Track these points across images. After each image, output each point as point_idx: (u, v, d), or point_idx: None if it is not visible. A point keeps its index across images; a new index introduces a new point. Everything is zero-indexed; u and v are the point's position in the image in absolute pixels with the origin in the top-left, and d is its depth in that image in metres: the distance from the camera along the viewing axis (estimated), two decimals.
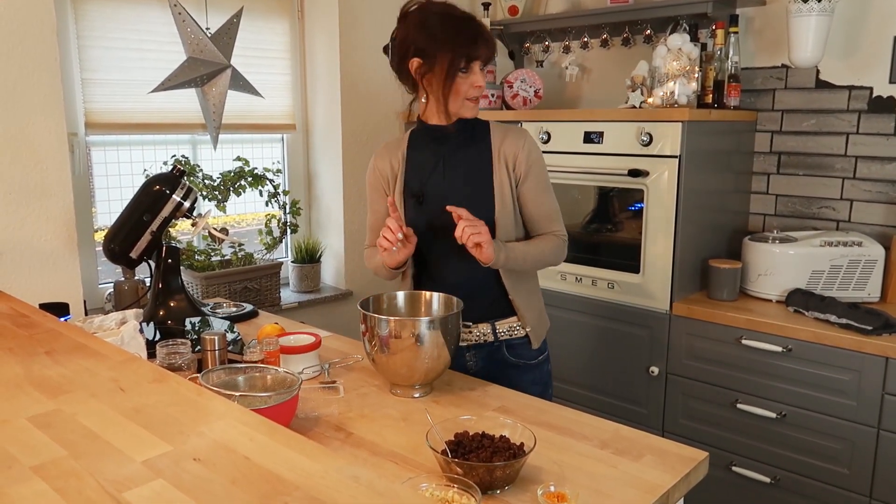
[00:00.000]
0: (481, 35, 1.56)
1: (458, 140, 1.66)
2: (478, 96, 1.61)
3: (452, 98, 1.59)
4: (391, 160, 1.71)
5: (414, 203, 1.67)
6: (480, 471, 1.10)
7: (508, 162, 1.63)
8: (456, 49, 1.54)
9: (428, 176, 1.67)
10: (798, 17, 2.27)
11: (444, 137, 1.66)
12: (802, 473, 2.11)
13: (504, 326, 1.70)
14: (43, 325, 1.23)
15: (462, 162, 1.66)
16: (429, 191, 1.66)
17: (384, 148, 1.74)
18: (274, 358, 1.56)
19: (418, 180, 1.68)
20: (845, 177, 2.44)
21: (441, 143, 1.66)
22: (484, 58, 1.57)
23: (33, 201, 2.04)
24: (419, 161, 1.69)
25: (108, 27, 2.40)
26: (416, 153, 1.70)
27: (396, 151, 1.71)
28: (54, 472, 0.71)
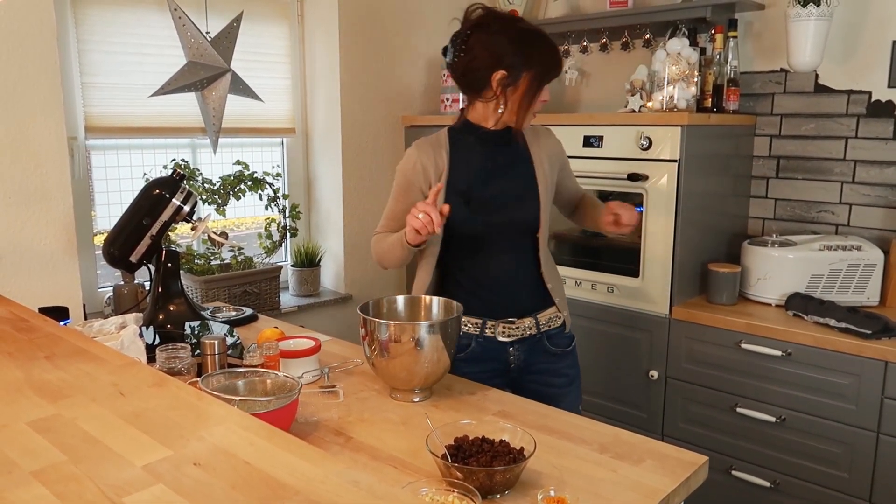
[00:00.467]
0: (559, 55, 1.67)
1: (502, 142, 1.70)
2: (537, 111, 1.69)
3: (525, 106, 1.64)
4: (435, 157, 1.68)
5: (460, 202, 1.65)
6: (480, 475, 1.10)
7: (546, 159, 1.73)
8: (546, 69, 1.62)
9: (475, 176, 1.68)
10: (797, 21, 2.28)
11: (491, 139, 1.69)
12: (802, 477, 2.11)
13: (545, 318, 1.75)
14: (42, 329, 1.23)
15: (507, 164, 1.70)
16: (476, 191, 1.67)
17: (426, 143, 1.71)
18: (274, 362, 1.56)
19: (465, 180, 1.68)
20: (844, 181, 2.44)
21: (488, 144, 1.69)
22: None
23: (33, 205, 2.04)
24: (466, 160, 1.69)
25: (107, 31, 2.40)
26: (461, 153, 1.69)
27: (440, 149, 1.69)
28: (54, 476, 0.71)
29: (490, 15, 1.63)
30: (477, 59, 1.60)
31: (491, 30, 1.60)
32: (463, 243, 1.70)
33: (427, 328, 1.47)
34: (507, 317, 1.71)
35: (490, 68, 1.59)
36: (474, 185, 1.67)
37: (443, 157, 1.68)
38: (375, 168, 3.05)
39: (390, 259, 1.72)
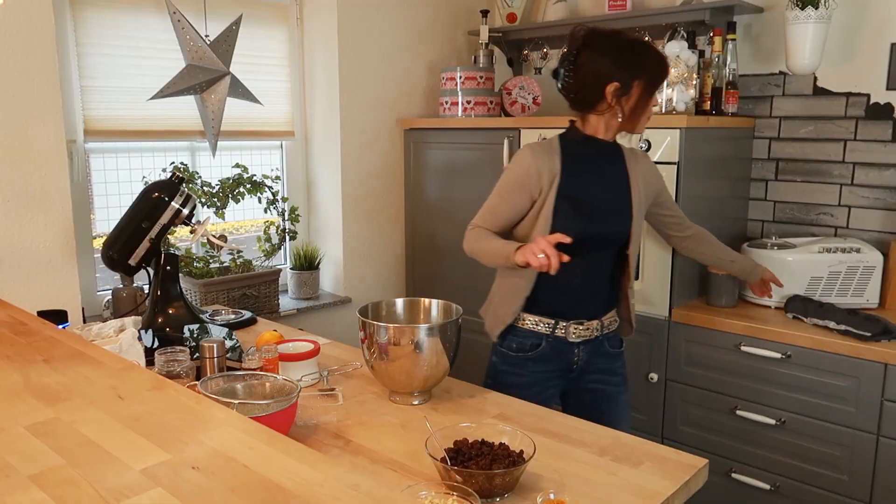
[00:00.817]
0: (665, 60, 1.71)
1: (606, 156, 1.77)
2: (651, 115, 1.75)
3: (641, 118, 1.71)
4: (550, 162, 1.71)
5: (569, 210, 1.70)
6: (480, 478, 1.10)
7: (642, 182, 1.79)
8: (654, 75, 1.68)
9: (585, 184, 1.73)
10: (795, 24, 2.28)
11: (598, 149, 1.75)
12: (802, 480, 2.11)
13: (608, 320, 1.82)
14: (41, 332, 1.22)
15: (610, 177, 1.77)
16: (585, 199, 1.72)
17: (539, 148, 1.74)
18: (273, 365, 1.56)
19: (576, 188, 1.72)
20: (843, 183, 2.45)
21: (598, 156, 1.76)
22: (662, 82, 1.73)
23: (32, 208, 2.04)
24: (577, 169, 1.73)
25: (107, 34, 2.40)
26: (573, 161, 1.73)
27: (554, 155, 1.72)
28: (52, 480, 0.70)
29: (593, 33, 1.70)
30: (588, 76, 1.67)
31: (597, 46, 1.68)
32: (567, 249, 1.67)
33: (426, 331, 1.47)
34: (579, 318, 1.77)
35: (602, 83, 1.66)
36: (583, 193, 1.72)
37: (556, 163, 1.71)
38: (375, 171, 3.05)
39: (487, 260, 1.75)
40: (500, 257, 1.66)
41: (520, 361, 1.78)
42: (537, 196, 1.71)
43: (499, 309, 1.80)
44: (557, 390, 1.84)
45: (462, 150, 2.83)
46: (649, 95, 1.69)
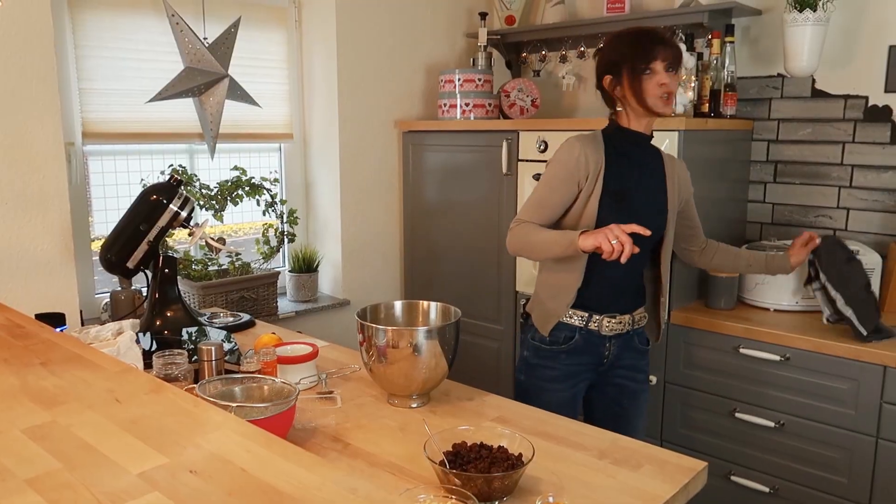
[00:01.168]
0: (656, 40, 1.71)
1: (647, 152, 1.82)
2: (667, 93, 1.71)
3: (645, 96, 1.71)
4: (596, 153, 1.75)
5: (612, 202, 1.73)
6: (478, 481, 1.09)
7: (676, 185, 1.85)
8: (633, 55, 1.71)
9: (628, 177, 1.77)
10: (793, 26, 2.29)
11: (639, 145, 1.80)
12: (801, 483, 2.11)
13: (638, 315, 1.86)
14: (39, 335, 1.22)
15: (650, 173, 1.82)
16: (629, 192, 1.76)
17: (586, 139, 1.77)
18: (271, 368, 1.56)
19: (619, 180, 1.76)
20: (842, 185, 2.45)
21: (638, 148, 1.80)
22: (661, 58, 1.69)
23: (30, 210, 2.03)
24: (619, 161, 1.77)
25: (105, 37, 2.40)
26: (616, 152, 1.77)
27: (598, 146, 1.77)
28: (49, 484, 0.70)
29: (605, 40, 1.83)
30: (597, 78, 1.80)
31: (597, 53, 1.85)
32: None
33: (425, 333, 1.47)
34: (612, 312, 1.80)
35: (601, 80, 1.78)
36: (626, 184, 1.76)
37: (601, 154, 1.76)
38: (373, 173, 3.05)
39: (540, 252, 1.75)
40: (559, 245, 1.67)
41: (553, 354, 1.81)
42: (584, 185, 1.74)
43: (548, 303, 1.82)
44: (587, 384, 1.87)
45: (460, 153, 2.83)
46: (642, 73, 1.69)
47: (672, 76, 1.73)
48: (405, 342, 1.46)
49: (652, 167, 1.82)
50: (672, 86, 1.73)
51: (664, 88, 1.71)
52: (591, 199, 1.73)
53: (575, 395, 1.84)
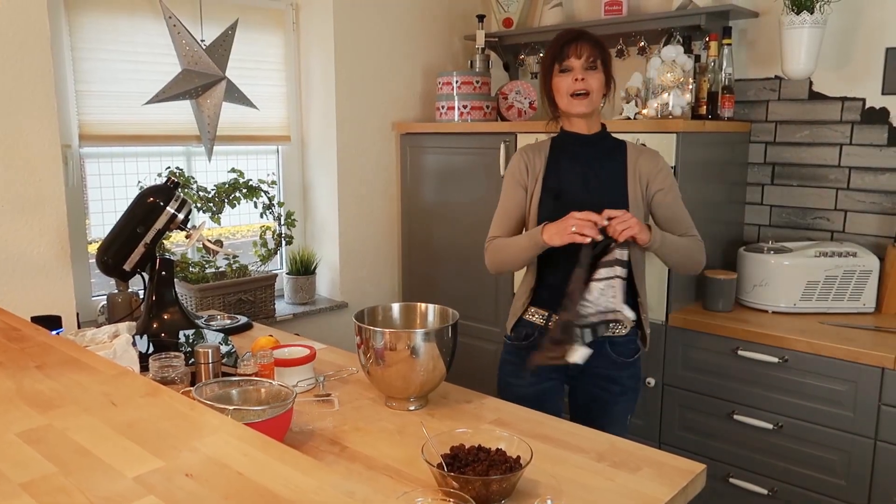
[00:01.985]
0: (575, 37, 1.75)
1: (598, 149, 1.81)
2: (581, 91, 1.73)
3: (557, 98, 1.77)
4: (535, 159, 1.84)
5: (550, 200, 1.78)
6: (476, 484, 1.09)
7: (643, 179, 1.79)
8: (548, 57, 1.77)
9: (567, 177, 1.79)
10: (791, 28, 2.29)
11: (586, 144, 1.81)
12: (800, 485, 2.11)
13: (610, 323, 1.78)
14: (34, 338, 1.21)
15: (601, 172, 1.80)
16: (564, 189, 1.78)
17: (529, 148, 1.87)
18: (268, 371, 1.55)
19: (557, 179, 1.80)
20: (839, 187, 2.45)
21: (581, 149, 1.81)
22: (576, 55, 1.73)
23: (26, 213, 2.03)
24: (559, 162, 1.82)
25: (102, 39, 2.40)
26: (557, 156, 1.83)
27: (540, 152, 1.85)
28: (44, 488, 0.69)
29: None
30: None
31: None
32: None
33: (423, 336, 1.47)
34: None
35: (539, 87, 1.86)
36: (564, 184, 1.79)
37: (541, 159, 1.84)
38: (371, 175, 3.04)
39: (515, 261, 1.79)
40: (528, 247, 1.72)
41: (516, 350, 1.84)
42: (529, 188, 1.82)
43: (514, 302, 1.88)
44: (559, 384, 1.84)
45: (458, 155, 2.83)
46: (559, 71, 1.74)
47: (591, 74, 1.73)
48: (403, 344, 1.45)
49: (605, 165, 1.79)
50: (591, 83, 1.73)
51: (578, 85, 1.72)
52: (533, 199, 1.81)
53: (540, 394, 1.79)
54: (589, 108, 1.75)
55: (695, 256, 1.81)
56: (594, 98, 1.75)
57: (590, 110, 1.76)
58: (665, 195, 1.81)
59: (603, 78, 1.76)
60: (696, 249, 1.81)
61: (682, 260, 1.79)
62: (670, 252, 1.74)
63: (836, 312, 2.24)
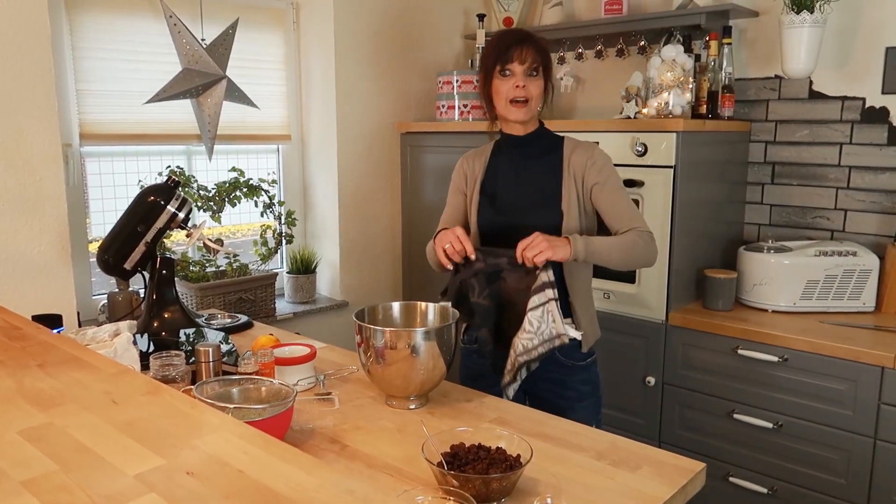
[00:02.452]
0: (516, 41, 1.69)
1: (533, 149, 1.78)
2: (520, 98, 1.69)
3: (495, 100, 1.73)
4: (475, 163, 1.85)
5: (487, 203, 1.78)
6: (477, 483, 1.09)
7: (577, 174, 1.73)
8: (491, 57, 1.71)
9: (502, 179, 1.79)
10: (791, 28, 2.29)
11: (521, 145, 1.78)
12: (799, 484, 2.11)
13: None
14: (35, 337, 1.22)
15: (534, 170, 1.77)
16: (501, 192, 1.77)
17: (470, 154, 1.88)
18: (269, 369, 1.55)
19: (493, 182, 1.80)
20: (839, 187, 2.45)
21: (517, 150, 1.79)
22: (519, 60, 1.68)
23: (27, 212, 2.03)
24: (497, 165, 1.81)
25: (103, 38, 2.40)
26: (496, 159, 1.83)
27: (481, 156, 1.85)
28: (45, 486, 0.70)
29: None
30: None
31: None
32: (492, 242, 1.76)
33: (423, 335, 1.47)
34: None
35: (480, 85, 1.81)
36: (500, 187, 1.77)
37: (481, 163, 1.84)
38: (371, 174, 3.05)
39: (434, 264, 1.79)
40: (433, 253, 1.74)
41: (466, 353, 1.85)
42: (468, 193, 1.84)
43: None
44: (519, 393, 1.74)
45: (459, 154, 2.81)
46: (492, 75, 1.71)
47: (532, 81, 1.68)
48: (403, 343, 1.45)
49: (542, 163, 1.75)
50: (531, 90, 1.68)
51: (519, 92, 1.68)
52: (472, 203, 1.81)
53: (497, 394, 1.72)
54: (527, 115, 1.71)
55: (638, 252, 1.68)
56: (533, 105, 1.71)
57: (527, 118, 1.72)
58: (602, 189, 1.72)
59: (543, 84, 1.72)
60: (639, 244, 1.68)
61: (624, 259, 1.68)
62: (603, 257, 1.64)
63: (835, 312, 2.24)
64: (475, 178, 1.83)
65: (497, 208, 1.77)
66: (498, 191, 1.78)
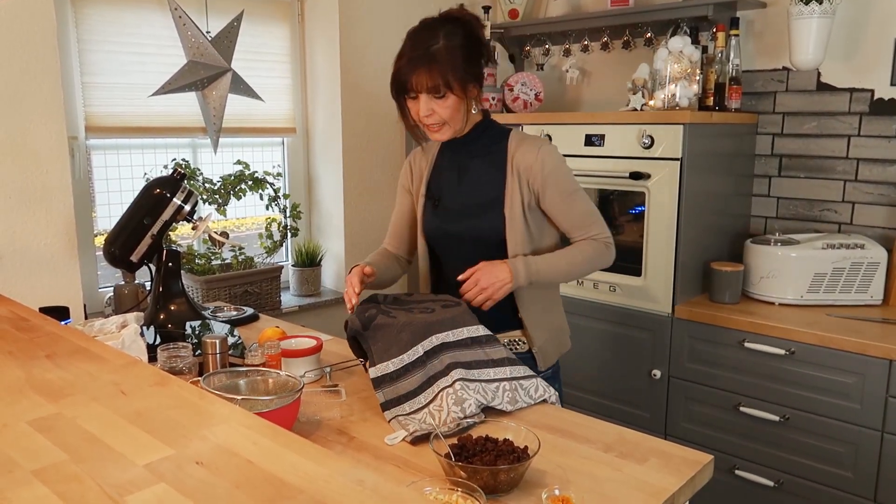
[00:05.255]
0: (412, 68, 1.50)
1: (475, 148, 1.65)
2: (431, 124, 1.56)
3: (411, 121, 1.60)
4: (421, 163, 1.77)
5: (430, 207, 1.71)
6: (484, 474, 1.09)
7: (522, 175, 1.59)
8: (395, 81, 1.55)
9: (446, 181, 1.70)
10: (799, 19, 2.27)
11: (462, 145, 1.66)
12: (806, 477, 2.10)
13: (506, 339, 1.64)
14: (43, 328, 1.22)
15: (476, 169, 1.65)
16: (444, 196, 1.69)
17: (418, 151, 1.79)
18: (275, 361, 1.55)
19: (437, 185, 1.72)
20: (847, 179, 2.44)
21: (458, 150, 1.68)
22: (416, 87, 1.51)
23: (33, 205, 2.03)
24: (441, 167, 1.73)
25: (108, 31, 2.40)
26: (440, 159, 1.74)
27: (427, 156, 1.76)
28: (56, 476, 0.70)
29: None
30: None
31: None
32: (437, 248, 1.74)
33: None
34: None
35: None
36: (444, 190, 1.70)
37: (427, 163, 1.75)
38: (376, 167, 3.04)
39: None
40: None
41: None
42: (415, 193, 1.77)
43: None
44: None
45: None
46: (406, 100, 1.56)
47: (440, 103, 1.51)
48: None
49: (484, 163, 1.63)
50: (441, 114, 1.52)
51: (429, 119, 1.54)
52: (418, 206, 1.73)
53: None
54: (447, 135, 1.58)
55: (589, 267, 1.59)
56: (453, 124, 1.56)
57: (449, 137, 1.59)
58: (551, 196, 1.58)
59: (456, 100, 1.52)
60: (590, 258, 1.59)
61: (577, 273, 1.60)
62: (550, 278, 1.56)
63: (843, 304, 2.23)
64: (421, 177, 1.74)
65: (440, 215, 1.67)
66: (442, 194, 1.68)
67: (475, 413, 1.34)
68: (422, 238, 1.73)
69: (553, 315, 1.71)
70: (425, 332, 1.45)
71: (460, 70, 1.51)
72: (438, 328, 1.46)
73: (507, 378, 1.45)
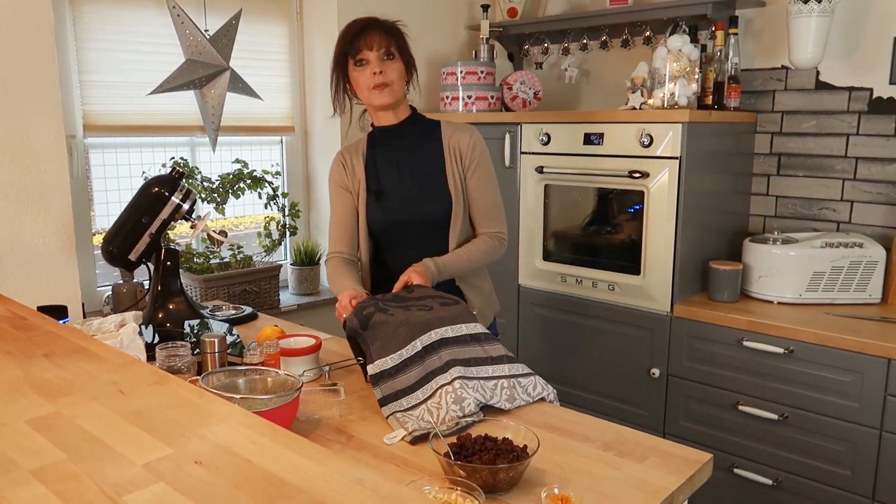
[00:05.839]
0: (361, 28, 1.68)
1: (411, 139, 1.77)
2: (381, 83, 1.69)
3: (358, 92, 1.74)
4: (353, 160, 1.83)
5: (373, 200, 1.78)
6: (483, 473, 1.09)
7: (455, 155, 1.75)
8: (340, 50, 1.72)
9: (385, 174, 1.77)
10: (798, 18, 2.27)
11: (397, 136, 1.77)
12: (804, 475, 2.11)
13: None
14: (41, 327, 1.22)
15: (416, 160, 1.77)
16: (386, 188, 1.76)
17: (345, 149, 1.86)
18: (274, 360, 1.55)
19: (377, 179, 1.78)
20: (846, 178, 2.44)
21: (394, 141, 1.78)
22: (369, 46, 1.67)
23: (31, 204, 2.03)
24: (377, 160, 1.80)
25: (106, 29, 2.39)
26: (374, 153, 1.82)
27: (357, 152, 1.83)
28: (54, 475, 0.70)
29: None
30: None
31: None
32: (382, 238, 1.80)
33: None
34: None
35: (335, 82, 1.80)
36: (383, 183, 1.76)
37: (359, 159, 1.82)
38: None
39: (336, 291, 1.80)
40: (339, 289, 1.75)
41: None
42: (353, 190, 1.82)
43: None
44: None
45: None
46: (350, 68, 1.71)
47: (389, 64, 1.69)
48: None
49: (422, 151, 1.77)
50: (389, 74, 1.68)
51: (377, 79, 1.68)
52: (360, 202, 1.80)
53: None
54: (391, 98, 1.71)
55: (487, 259, 1.78)
56: (395, 88, 1.71)
57: (393, 100, 1.72)
58: (473, 174, 1.76)
59: (402, 66, 1.72)
60: (483, 255, 1.77)
61: (475, 267, 1.78)
62: (455, 273, 1.74)
63: (842, 303, 2.23)
64: (357, 174, 1.81)
65: (385, 206, 1.75)
66: (383, 187, 1.76)
67: (474, 412, 1.34)
68: (365, 231, 1.80)
69: (482, 281, 1.88)
70: (424, 327, 1.46)
71: (406, 48, 1.74)
72: (437, 324, 1.47)
73: (505, 376, 1.45)
